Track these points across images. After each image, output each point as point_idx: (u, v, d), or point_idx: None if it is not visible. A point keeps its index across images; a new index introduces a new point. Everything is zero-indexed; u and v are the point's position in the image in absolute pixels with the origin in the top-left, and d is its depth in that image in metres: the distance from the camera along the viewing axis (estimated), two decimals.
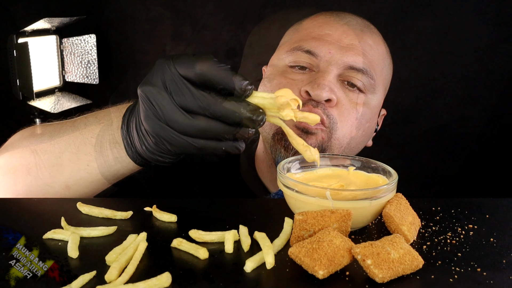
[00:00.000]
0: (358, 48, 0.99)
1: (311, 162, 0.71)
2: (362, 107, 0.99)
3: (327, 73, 0.96)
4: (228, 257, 0.60)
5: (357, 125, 0.99)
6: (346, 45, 0.99)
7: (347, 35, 1.00)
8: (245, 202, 0.82)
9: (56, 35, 2.14)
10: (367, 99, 1.00)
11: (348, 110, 0.98)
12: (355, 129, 0.99)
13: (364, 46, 1.00)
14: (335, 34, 1.00)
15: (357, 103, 0.98)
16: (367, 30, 1.04)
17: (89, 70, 2.16)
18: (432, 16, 2.09)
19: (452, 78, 2.14)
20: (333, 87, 0.95)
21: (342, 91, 0.98)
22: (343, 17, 1.04)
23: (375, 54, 1.02)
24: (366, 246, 0.56)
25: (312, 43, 0.99)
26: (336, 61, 0.97)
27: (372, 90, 1.01)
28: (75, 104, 2.16)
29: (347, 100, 0.98)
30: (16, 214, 0.72)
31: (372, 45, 1.02)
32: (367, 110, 1.01)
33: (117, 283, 0.54)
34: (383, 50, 1.06)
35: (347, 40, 0.99)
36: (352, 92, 0.99)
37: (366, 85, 0.99)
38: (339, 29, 1.00)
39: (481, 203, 0.77)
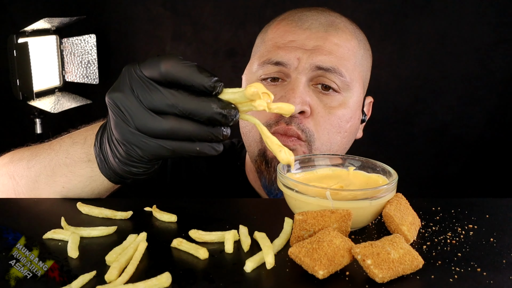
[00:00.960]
0: (324, 49, 0.98)
1: (285, 164, 0.68)
2: (340, 109, 0.98)
3: (297, 83, 0.95)
4: (228, 257, 0.60)
5: (336, 129, 0.98)
6: (312, 48, 0.98)
7: (310, 39, 0.99)
8: (245, 202, 0.82)
9: (56, 35, 2.14)
10: (344, 99, 0.99)
11: (324, 117, 0.97)
12: (335, 134, 0.98)
13: (329, 46, 0.99)
14: (299, 40, 0.99)
15: (331, 107, 0.97)
16: (332, 30, 1.02)
17: (89, 70, 2.16)
18: (432, 16, 2.09)
19: (452, 78, 2.14)
20: (305, 96, 0.95)
21: (316, 97, 0.97)
22: (305, 21, 1.02)
23: (344, 51, 1.00)
24: (366, 246, 0.56)
25: (279, 53, 0.98)
26: (303, 66, 0.96)
27: (347, 88, 0.99)
28: (75, 104, 2.16)
29: (322, 107, 0.97)
30: (16, 214, 0.72)
31: (339, 43, 1.00)
32: (346, 110, 0.99)
33: (117, 283, 0.54)
34: (354, 45, 1.03)
35: (311, 43, 0.99)
36: (327, 96, 0.98)
37: (339, 84, 0.98)
38: (302, 35, 1.00)
39: (481, 203, 0.77)
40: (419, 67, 2.15)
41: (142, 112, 0.61)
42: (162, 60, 0.60)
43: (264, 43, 1.04)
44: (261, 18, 2.14)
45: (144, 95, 0.61)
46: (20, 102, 1.99)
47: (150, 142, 0.62)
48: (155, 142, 0.62)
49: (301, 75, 0.96)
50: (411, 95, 2.18)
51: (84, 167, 0.75)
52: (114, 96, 0.63)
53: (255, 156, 0.99)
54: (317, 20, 1.02)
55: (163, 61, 0.60)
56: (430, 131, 2.20)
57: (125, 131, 0.63)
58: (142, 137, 0.62)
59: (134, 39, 2.27)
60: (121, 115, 0.63)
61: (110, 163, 0.71)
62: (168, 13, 2.21)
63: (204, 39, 2.20)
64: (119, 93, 0.63)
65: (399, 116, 2.19)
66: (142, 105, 0.61)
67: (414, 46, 2.13)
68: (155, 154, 0.64)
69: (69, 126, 2.62)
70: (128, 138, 0.63)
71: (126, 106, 0.62)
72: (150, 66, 0.61)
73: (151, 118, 0.61)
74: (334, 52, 0.98)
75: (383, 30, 2.12)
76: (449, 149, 2.22)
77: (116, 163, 0.69)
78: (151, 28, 2.24)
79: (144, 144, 0.63)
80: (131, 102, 0.62)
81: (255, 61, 1.02)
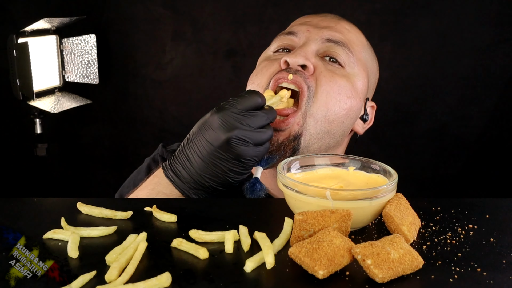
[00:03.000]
0: (335, 28, 1.07)
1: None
2: (343, 79, 1.01)
3: (305, 45, 1.02)
4: (228, 257, 0.60)
5: (336, 96, 1.00)
6: (323, 26, 1.07)
7: (324, 21, 1.09)
8: (245, 202, 0.82)
9: (56, 35, 2.14)
10: (348, 74, 1.03)
11: (326, 78, 1.00)
12: (333, 100, 0.99)
13: (340, 28, 1.08)
14: (313, 21, 1.09)
15: (335, 74, 1.01)
16: (345, 21, 1.11)
17: (89, 70, 2.16)
18: (432, 16, 2.09)
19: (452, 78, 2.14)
20: (310, 57, 1.01)
21: (321, 62, 1.02)
22: (322, 13, 1.14)
23: (353, 36, 1.09)
24: (366, 246, 0.56)
25: (292, 27, 1.08)
26: (314, 36, 1.04)
27: (353, 66, 1.04)
28: (75, 104, 2.16)
29: (326, 70, 1.01)
30: (16, 214, 0.72)
31: (349, 30, 1.09)
32: (348, 85, 1.02)
33: (117, 283, 0.54)
34: (363, 40, 1.12)
35: (324, 23, 1.08)
36: (332, 65, 1.03)
37: (345, 59, 1.03)
38: (317, 18, 1.10)
39: (481, 203, 0.77)
40: (419, 67, 2.15)
41: (255, 133, 0.84)
42: (250, 96, 0.86)
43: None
44: (261, 18, 2.14)
45: (253, 122, 0.85)
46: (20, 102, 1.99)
47: (261, 149, 0.86)
48: (263, 147, 0.86)
49: (310, 42, 1.03)
50: (411, 95, 2.17)
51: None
52: (234, 134, 0.83)
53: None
54: (333, 15, 1.14)
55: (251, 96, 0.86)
56: (430, 131, 2.20)
57: (248, 151, 0.84)
58: (257, 148, 0.85)
59: (134, 39, 2.27)
60: (242, 142, 0.84)
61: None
62: (168, 13, 2.21)
63: (204, 39, 2.20)
64: (237, 130, 0.83)
65: (399, 116, 2.19)
66: (251, 127, 0.84)
67: (414, 46, 2.13)
68: (263, 155, 0.89)
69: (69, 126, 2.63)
70: (249, 155, 0.85)
71: (244, 135, 0.83)
72: (245, 102, 0.85)
73: (261, 134, 0.85)
74: (345, 34, 1.07)
75: (383, 30, 2.12)
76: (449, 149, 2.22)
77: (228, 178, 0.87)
78: (151, 28, 2.24)
79: (258, 152, 0.86)
80: (247, 130, 0.84)
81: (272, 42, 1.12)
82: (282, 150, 0.97)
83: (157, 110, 2.31)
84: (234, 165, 0.85)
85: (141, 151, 2.38)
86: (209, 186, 0.87)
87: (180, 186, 0.87)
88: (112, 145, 2.41)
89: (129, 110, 2.35)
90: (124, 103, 2.34)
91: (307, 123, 0.97)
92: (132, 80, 2.31)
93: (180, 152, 0.89)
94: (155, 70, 2.27)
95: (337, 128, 1.02)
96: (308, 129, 0.98)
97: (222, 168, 0.85)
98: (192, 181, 0.87)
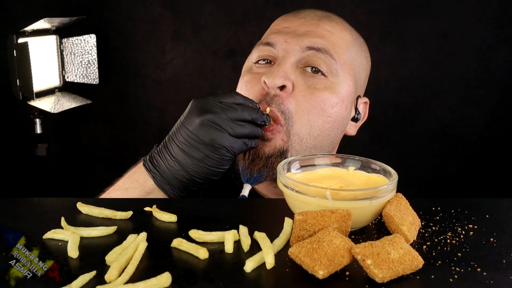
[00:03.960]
0: (315, 32, 1.01)
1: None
2: (324, 92, 0.98)
3: (284, 61, 0.98)
4: (228, 257, 0.60)
5: (318, 111, 0.98)
6: (302, 33, 1.01)
7: (303, 25, 1.03)
8: (245, 202, 0.82)
9: (56, 35, 2.14)
10: (330, 84, 0.99)
11: (305, 97, 0.97)
12: (316, 116, 0.97)
13: (321, 31, 1.02)
14: (292, 26, 1.04)
15: (316, 88, 0.98)
16: (326, 19, 1.05)
17: (89, 70, 2.16)
18: (432, 16, 2.09)
19: (452, 78, 2.14)
20: (289, 73, 0.97)
21: (301, 77, 0.98)
22: (301, 13, 1.07)
23: (336, 38, 1.03)
24: (366, 246, 0.56)
25: (270, 36, 1.04)
26: (292, 47, 0.99)
27: (336, 73, 0.99)
28: (75, 104, 2.16)
29: (305, 87, 0.97)
30: (16, 214, 0.72)
31: (331, 30, 1.03)
32: (331, 95, 0.99)
33: (117, 283, 0.54)
34: (347, 38, 1.05)
35: (303, 28, 1.03)
36: (313, 78, 0.98)
37: (328, 67, 0.99)
38: (296, 22, 1.05)
39: (481, 203, 0.77)
40: (419, 67, 2.15)
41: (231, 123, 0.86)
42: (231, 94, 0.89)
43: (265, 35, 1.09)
44: (261, 18, 2.14)
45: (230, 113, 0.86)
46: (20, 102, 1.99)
47: (238, 141, 0.87)
48: (241, 141, 0.88)
49: (289, 55, 0.99)
50: (411, 95, 2.17)
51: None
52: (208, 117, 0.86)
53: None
54: (313, 12, 1.07)
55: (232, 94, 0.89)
56: (430, 131, 2.20)
57: (222, 138, 0.85)
58: (233, 139, 0.86)
59: (134, 39, 2.27)
60: (216, 128, 0.85)
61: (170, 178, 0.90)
62: (168, 13, 2.21)
63: (204, 39, 2.20)
64: (211, 114, 0.86)
65: (399, 116, 2.19)
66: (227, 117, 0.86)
67: (414, 46, 2.13)
68: (240, 150, 0.88)
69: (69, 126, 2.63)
70: (222, 142, 0.85)
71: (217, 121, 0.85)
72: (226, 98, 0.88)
73: (239, 126, 0.87)
74: (326, 37, 1.01)
75: (383, 30, 2.12)
76: (449, 149, 2.22)
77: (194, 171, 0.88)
78: (151, 28, 2.24)
79: (235, 143, 0.87)
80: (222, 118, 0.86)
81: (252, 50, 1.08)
82: (270, 166, 0.95)
83: (157, 110, 2.31)
84: (210, 151, 0.86)
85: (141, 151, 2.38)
86: (189, 179, 0.88)
87: (157, 177, 0.90)
88: (112, 145, 2.41)
89: (129, 110, 2.35)
90: (124, 103, 2.34)
91: (291, 140, 0.96)
92: (132, 80, 2.31)
93: (161, 146, 0.92)
94: (155, 70, 2.27)
95: (324, 141, 1.01)
96: (293, 146, 0.97)
97: (198, 154, 0.86)
98: (169, 173, 0.88)
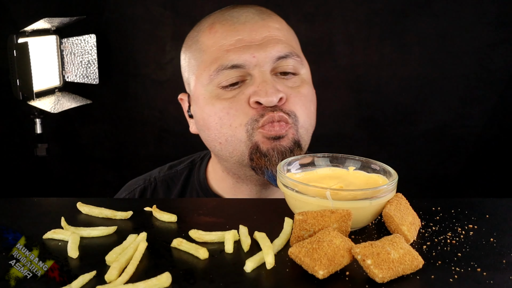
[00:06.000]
0: (272, 38, 0.99)
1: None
2: (303, 87, 1.01)
3: (265, 76, 0.96)
4: (228, 257, 0.60)
5: (308, 102, 1.01)
6: (261, 41, 0.98)
7: (255, 31, 0.99)
8: (245, 202, 0.82)
9: (56, 35, 2.14)
10: (302, 78, 1.02)
11: (296, 97, 0.99)
12: (308, 109, 1.01)
13: (274, 33, 1.00)
14: (245, 37, 0.98)
15: (295, 87, 1.00)
16: (265, 16, 1.03)
17: (89, 70, 2.16)
18: (432, 16, 2.09)
19: (452, 78, 2.14)
20: (276, 84, 0.96)
21: (282, 83, 0.98)
22: (238, 17, 1.01)
23: (284, 32, 1.03)
24: (366, 246, 0.56)
25: (231, 56, 0.97)
26: (263, 60, 0.97)
27: (301, 65, 1.02)
28: (75, 104, 2.16)
29: (290, 89, 0.99)
30: (16, 214, 0.72)
31: (279, 27, 1.02)
32: (308, 85, 1.03)
33: (117, 283, 0.54)
34: (285, 24, 1.06)
35: (258, 35, 0.99)
36: (288, 80, 1.00)
37: (295, 66, 1.00)
38: (244, 30, 0.99)
39: (481, 203, 0.77)
40: (419, 67, 2.15)
41: None
42: None
43: (205, 52, 1.01)
44: None
45: None
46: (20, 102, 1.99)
47: None
48: None
49: (263, 68, 0.97)
50: (411, 95, 2.17)
51: None
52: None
53: (248, 156, 0.97)
54: (247, 12, 1.02)
55: None
56: (430, 131, 2.20)
57: None
58: None
59: (134, 39, 2.27)
60: None
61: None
62: (168, 13, 2.21)
63: None
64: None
65: (399, 116, 2.19)
66: None
67: (414, 46, 2.13)
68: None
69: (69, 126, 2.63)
70: None
71: None
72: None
73: None
74: (281, 37, 1.00)
75: (383, 30, 2.12)
76: (449, 149, 2.22)
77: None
78: (151, 28, 2.24)
79: None
80: None
81: (202, 72, 1.00)
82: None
83: (157, 110, 2.31)
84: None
85: (141, 151, 2.38)
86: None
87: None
88: (112, 145, 2.41)
89: (129, 110, 2.35)
90: (124, 103, 2.34)
91: (299, 133, 0.98)
92: (132, 80, 2.31)
93: None
94: (155, 70, 2.27)
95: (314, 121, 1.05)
96: (302, 137, 0.99)
97: None
98: None
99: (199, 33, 1.04)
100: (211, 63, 0.98)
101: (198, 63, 1.02)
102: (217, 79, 0.97)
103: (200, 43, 1.02)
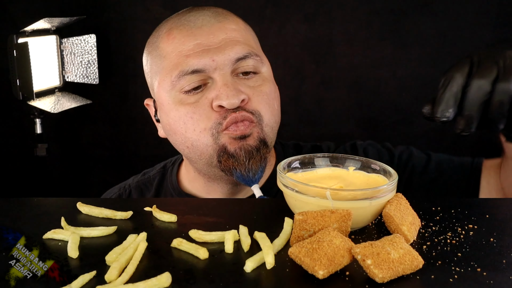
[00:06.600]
0: (230, 39, 0.99)
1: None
2: (265, 85, 1.01)
3: (225, 78, 0.96)
4: (228, 257, 0.60)
5: (271, 101, 1.01)
6: (219, 44, 0.98)
7: (212, 35, 0.99)
8: (245, 202, 0.82)
9: (56, 35, 2.14)
10: (263, 76, 1.02)
11: (258, 97, 0.99)
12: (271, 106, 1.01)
13: (231, 34, 1.00)
14: (202, 41, 0.98)
15: (257, 86, 1.00)
16: (221, 18, 1.02)
17: (89, 70, 2.16)
18: (432, 16, 2.09)
19: None
20: (237, 85, 0.97)
21: (243, 83, 0.98)
22: (194, 21, 1.01)
23: (242, 32, 1.03)
24: (366, 246, 0.56)
25: (190, 61, 0.97)
26: (222, 63, 0.97)
27: (261, 64, 1.02)
28: (75, 104, 2.16)
29: (251, 89, 0.99)
30: (16, 214, 0.72)
31: (235, 28, 1.02)
32: (270, 83, 1.03)
33: (117, 283, 0.54)
34: (242, 23, 1.06)
35: (215, 39, 0.99)
36: (249, 80, 1.00)
37: (255, 65, 1.00)
38: (202, 35, 0.99)
39: (481, 203, 0.77)
40: (419, 67, 2.15)
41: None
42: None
43: (166, 58, 1.01)
44: (261, 18, 2.14)
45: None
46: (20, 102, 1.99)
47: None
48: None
49: (223, 71, 0.97)
50: (411, 95, 2.18)
51: None
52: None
53: (217, 158, 0.97)
54: (204, 15, 1.02)
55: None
56: (430, 131, 2.20)
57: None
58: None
59: (134, 39, 2.27)
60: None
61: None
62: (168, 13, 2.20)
63: None
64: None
65: (399, 116, 2.19)
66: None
67: (414, 46, 2.13)
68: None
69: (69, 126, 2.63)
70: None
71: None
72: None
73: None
74: (239, 38, 1.00)
75: (383, 30, 2.12)
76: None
77: None
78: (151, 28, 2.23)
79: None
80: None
81: (164, 78, 1.00)
82: (263, 158, 0.97)
83: None
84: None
85: (141, 151, 2.38)
86: None
87: None
88: (112, 145, 2.41)
89: (129, 110, 2.35)
90: (124, 103, 2.34)
91: (265, 131, 0.99)
92: (132, 80, 2.31)
93: None
94: None
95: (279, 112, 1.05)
96: (268, 135, 1.00)
97: None
98: None
99: (158, 39, 1.05)
100: (172, 69, 0.98)
101: (159, 69, 1.02)
102: (179, 85, 0.98)
103: (160, 49, 1.03)
